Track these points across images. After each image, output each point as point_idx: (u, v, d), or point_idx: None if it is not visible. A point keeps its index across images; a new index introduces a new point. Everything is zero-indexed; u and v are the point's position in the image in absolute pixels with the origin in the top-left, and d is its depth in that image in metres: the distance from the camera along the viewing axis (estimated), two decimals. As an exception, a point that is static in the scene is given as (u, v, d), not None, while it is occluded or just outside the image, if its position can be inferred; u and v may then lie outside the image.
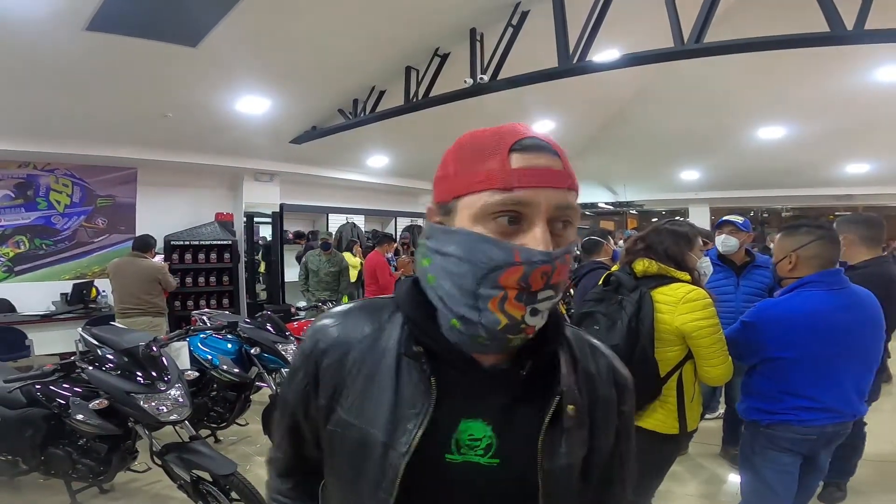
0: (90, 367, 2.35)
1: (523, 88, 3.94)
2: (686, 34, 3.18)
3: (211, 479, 2.31)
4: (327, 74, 4.55)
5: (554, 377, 0.67)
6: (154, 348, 2.49)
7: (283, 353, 3.31)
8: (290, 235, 8.04)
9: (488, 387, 0.66)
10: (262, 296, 8.26)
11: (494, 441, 0.64)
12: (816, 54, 3.67)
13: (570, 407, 0.67)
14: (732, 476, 2.99)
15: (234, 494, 2.31)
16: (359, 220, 8.80)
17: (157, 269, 4.56)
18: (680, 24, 3.20)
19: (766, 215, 12.31)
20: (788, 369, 1.90)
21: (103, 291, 5.65)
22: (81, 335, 4.09)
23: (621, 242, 5.36)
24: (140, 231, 5.74)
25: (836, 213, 11.48)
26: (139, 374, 2.35)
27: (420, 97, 4.39)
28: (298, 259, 7.77)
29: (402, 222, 9.70)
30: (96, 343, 3.64)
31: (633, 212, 13.81)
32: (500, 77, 3.92)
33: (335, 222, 8.58)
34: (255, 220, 7.64)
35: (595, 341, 0.79)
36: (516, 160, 0.58)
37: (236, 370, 3.28)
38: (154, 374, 2.37)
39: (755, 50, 3.19)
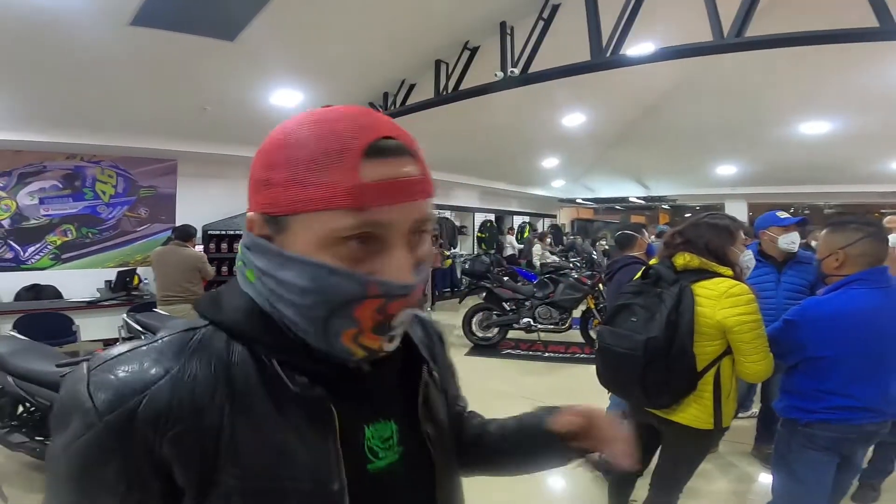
0: None
1: (553, 81, 3.92)
2: (726, 27, 3.10)
3: None
4: (358, 68, 4.62)
5: (412, 348, 0.67)
6: None
7: None
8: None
9: (373, 384, 0.61)
10: None
11: (397, 432, 0.62)
12: (861, 47, 3.52)
13: (435, 369, 0.70)
14: (763, 475, 2.94)
15: None
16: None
17: (198, 258, 4.73)
18: (719, 16, 3.11)
19: (807, 212, 11.88)
20: (830, 368, 1.85)
21: (145, 279, 5.89)
22: (126, 321, 4.31)
23: (653, 237, 5.28)
24: (180, 221, 5.97)
25: (882, 211, 10.98)
26: None
27: (450, 91, 4.41)
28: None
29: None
30: (140, 329, 3.83)
31: (666, 207, 13.52)
32: (530, 70, 3.90)
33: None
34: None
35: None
36: (370, 170, 0.47)
37: None
38: None
39: (799, 45, 3.09)
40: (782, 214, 2.95)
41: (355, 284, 0.49)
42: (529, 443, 0.77)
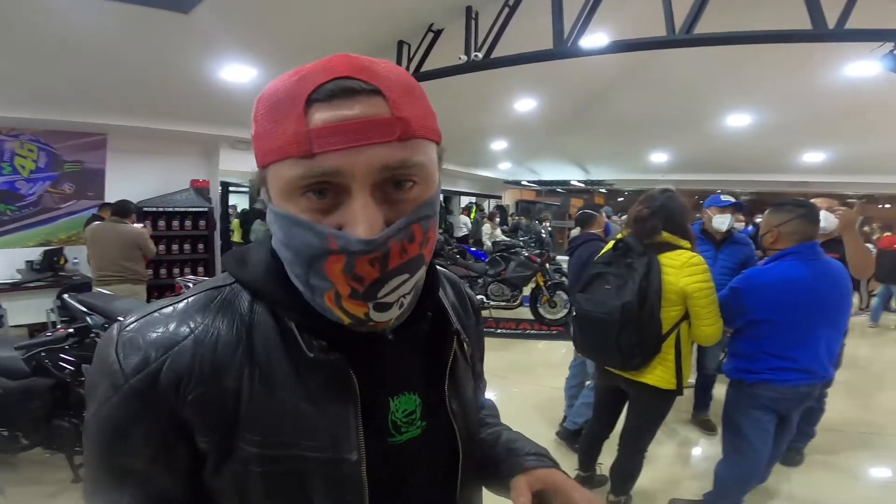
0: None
1: (510, 67, 3.99)
2: (677, 24, 3.30)
3: None
4: (318, 45, 4.44)
5: (446, 321, 0.63)
6: None
7: None
8: (265, 207, 8.02)
9: (399, 355, 0.59)
10: None
11: (421, 406, 0.60)
12: (789, 48, 3.87)
13: (465, 344, 0.66)
14: (703, 440, 3.30)
15: None
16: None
17: (139, 235, 4.44)
18: (673, 13, 3.30)
19: (744, 198, 12.95)
20: (769, 332, 2.11)
21: (74, 258, 5.46)
22: (68, 302, 3.99)
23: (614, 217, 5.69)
24: (109, 197, 5.56)
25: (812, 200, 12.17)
26: None
27: (411, 72, 4.37)
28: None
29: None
30: (84, 310, 3.57)
31: (603, 190, 14.19)
32: (493, 56, 3.96)
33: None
34: (230, 188, 7.54)
35: (450, 274, 0.77)
36: (317, 115, 0.45)
37: None
38: None
39: (742, 43, 3.34)
40: (725, 198, 3.27)
41: (314, 236, 0.46)
42: (492, 472, 0.71)
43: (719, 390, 3.31)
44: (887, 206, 12.04)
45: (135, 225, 4.63)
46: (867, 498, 2.73)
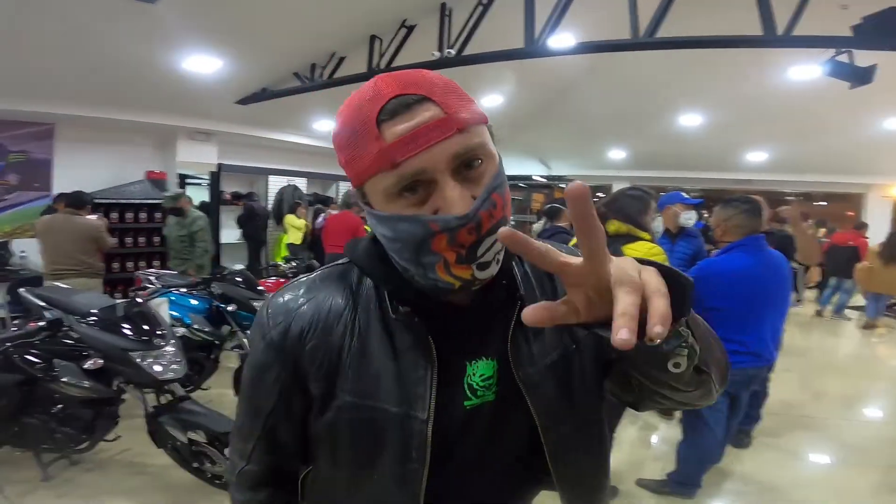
0: (82, 325, 2.20)
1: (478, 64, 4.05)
2: (640, 27, 3.46)
3: (206, 439, 2.31)
4: (287, 38, 4.39)
5: (514, 287, 0.67)
6: (139, 301, 2.41)
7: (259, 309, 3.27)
8: (228, 196, 7.77)
9: (478, 322, 0.65)
10: None
11: (499, 372, 0.65)
12: (739, 51, 4.11)
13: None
14: (663, 425, 3.50)
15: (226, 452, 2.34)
16: (300, 183, 8.61)
17: (95, 228, 4.25)
18: (637, 17, 3.46)
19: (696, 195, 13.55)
20: (721, 318, 2.26)
21: (22, 252, 5.16)
22: (24, 297, 3.77)
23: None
24: (57, 189, 5.27)
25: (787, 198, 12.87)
26: (128, 330, 2.23)
27: (382, 67, 4.38)
28: (240, 221, 7.55)
29: (345, 186, 9.59)
30: (42, 304, 3.39)
31: (562, 185, 14.53)
32: (465, 53, 4.02)
33: (275, 184, 8.35)
34: (188, 180, 7.29)
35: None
36: (389, 131, 0.53)
37: (209, 328, 3.18)
38: (147, 329, 2.25)
39: (701, 47, 3.54)
40: (686, 195, 3.49)
41: (418, 226, 0.54)
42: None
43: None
44: (823, 203, 12.94)
45: (90, 217, 4.43)
46: (811, 477, 2.98)
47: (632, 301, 0.39)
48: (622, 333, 0.37)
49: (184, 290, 3.27)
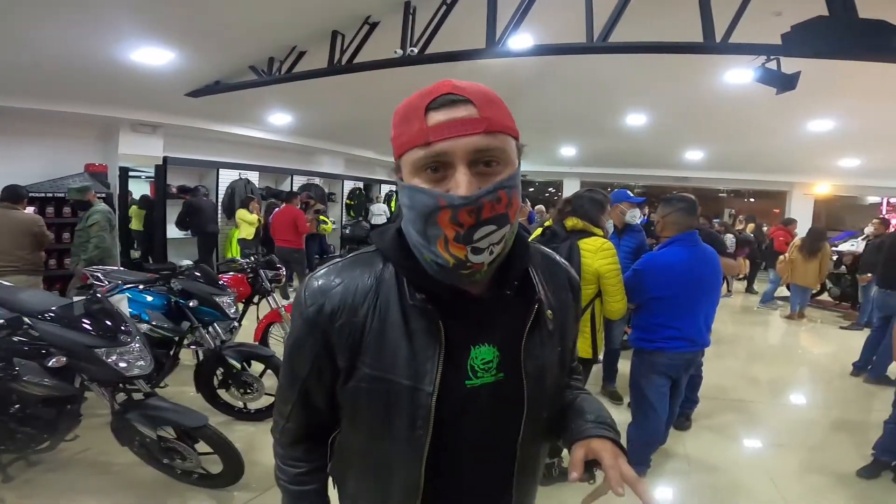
0: (43, 322, 2.11)
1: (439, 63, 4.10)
2: (595, 32, 3.62)
3: (175, 435, 2.30)
4: (245, 31, 4.25)
5: (531, 290, 0.77)
6: (98, 296, 2.32)
7: (221, 304, 3.19)
8: (174, 190, 7.46)
9: (485, 312, 0.74)
10: (135, 255, 7.61)
11: (498, 358, 0.74)
12: (681, 56, 4.35)
13: (549, 312, 0.79)
14: (612, 409, 3.66)
15: (198, 447, 2.33)
16: (252, 177, 8.38)
17: (33, 222, 4.03)
18: (593, 21, 3.61)
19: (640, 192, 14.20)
20: (662, 306, 2.53)
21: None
22: None
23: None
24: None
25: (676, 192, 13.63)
26: (91, 327, 2.15)
27: (343, 62, 4.35)
28: (180, 218, 7.26)
29: (299, 180, 9.41)
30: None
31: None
32: (427, 51, 4.06)
33: (226, 178, 8.09)
34: (131, 173, 6.96)
35: (552, 254, 0.91)
36: (432, 118, 0.64)
37: (169, 325, 3.08)
38: (110, 325, 2.18)
39: (650, 52, 3.72)
40: (632, 193, 3.73)
41: (430, 198, 0.64)
42: (562, 429, 0.84)
43: (623, 365, 3.82)
44: (751, 199, 13.95)
45: (28, 210, 4.16)
46: (745, 457, 3.23)
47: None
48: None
49: (140, 286, 3.16)
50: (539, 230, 2.73)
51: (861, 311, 6.70)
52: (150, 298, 3.15)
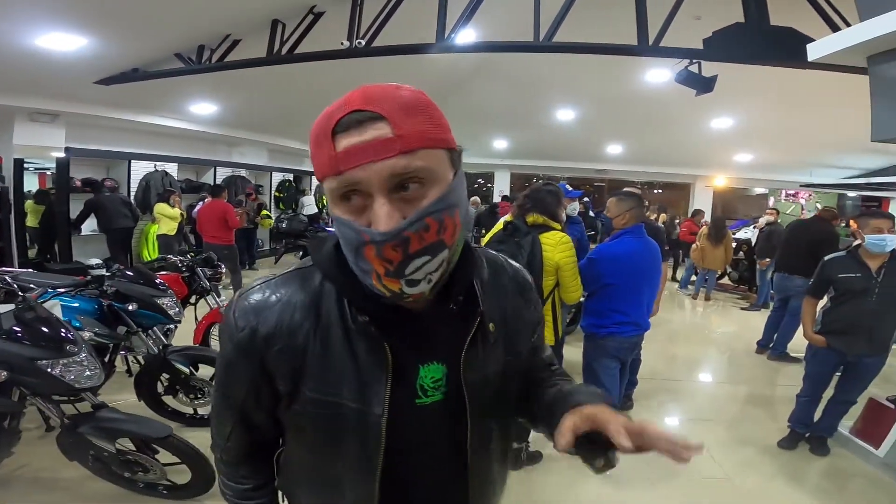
0: None
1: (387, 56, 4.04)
2: (541, 32, 3.72)
3: (135, 447, 2.16)
4: (173, 16, 3.88)
5: (474, 303, 0.72)
6: (31, 303, 2.08)
7: (163, 306, 2.95)
8: (78, 183, 6.73)
9: (430, 329, 0.70)
10: (32, 254, 6.79)
11: (445, 375, 0.71)
12: (617, 57, 4.59)
13: (491, 325, 0.74)
14: None
15: (160, 457, 2.21)
16: (171, 169, 7.76)
17: None
18: (539, 21, 3.71)
19: (588, 187, 14.83)
20: (613, 293, 2.72)
21: None
22: None
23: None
24: None
25: (596, 183, 14.47)
26: (28, 337, 1.94)
27: (283, 52, 4.14)
28: (81, 217, 6.59)
29: (223, 172, 8.84)
30: None
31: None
32: (374, 44, 3.98)
33: (140, 170, 7.42)
34: (26, 165, 6.18)
35: (501, 259, 0.86)
36: (340, 142, 0.57)
37: (106, 331, 2.81)
38: (49, 334, 1.97)
39: (592, 53, 3.81)
40: (570, 187, 3.94)
41: (352, 232, 0.58)
42: (547, 418, 0.76)
43: (567, 351, 4.02)
44: (659, 190, 15.16)
45: None
46: (681, 432, 3.32)
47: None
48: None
49: (62, 289, 2.83)
50: (500, 224, 2.82)
51: (759, 294, 7.46)
52: (78, 304, 2.85)
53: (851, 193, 13.11)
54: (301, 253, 6.34)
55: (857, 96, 2.66)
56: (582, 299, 2.88)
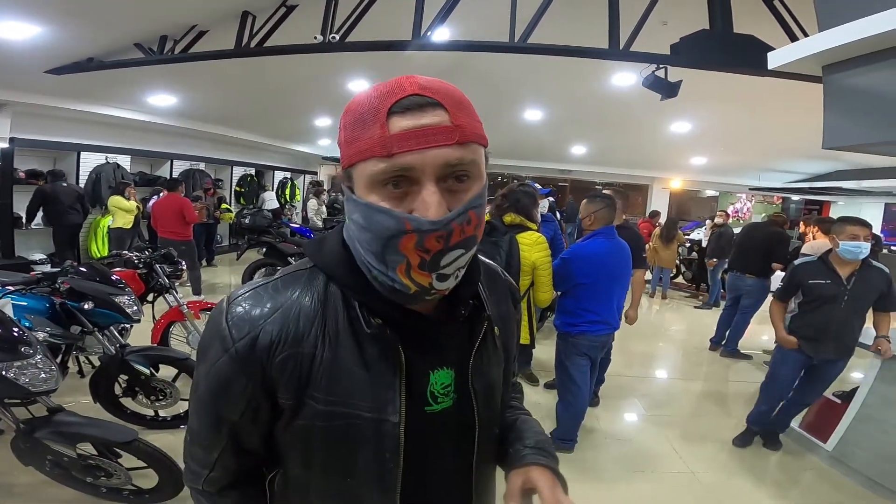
0: None
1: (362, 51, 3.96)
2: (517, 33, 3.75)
3: (97, 451, 2.06)
4: (135, 6, 3.68)
5: (482, 307, 0.72)
6: None
7: (121, 304, 2.81)
8: (22, 175, 6.31)
9: (440, 335, 0.69)
10: None
11: (454, 381, 0.70)
12: (586, 60, 4.66)
13: (496, 329, 0.75)
14: (531, 390, 3.94)
15: (123, 461, 2.12)
16: (123, 161, 7.38)
17: None
18: (516, 22, 3.74)
19: (554, 186, 14.98)
20: (585, 293, 2.79)
21: None
22: None
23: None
24: None
25: (560, 183, 14.76)
26: None
27: (253, 45, 4.00)
28: (30, 210, 6.19)
29: (181, 165, 8.47)
30: None
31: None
32: (348, 39, 3.91)
33: (90, 162, 7.03)
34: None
35: (493, 266, 0.87)
36: (396, 123, 0.54)
37: (60, 330, 2.64)
38: (1, 334, 1.84)
39: (566, 55, 3.85)
40: (538, 186, 4.00)
41: (393, 220, 0.55)
42: (502, 454, 0.81)
43: (538, 350, 4.11)
44: (620, 190, 15.69)
45: None
46: (647, 427, 3.59)
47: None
48: None
49: (11, 287, 2.65)
50: None
51: (710, 293, 7.78)
52: (27, 302, 2.67)
53: (795, 197, 13.93)
54: (265, 249, 6.16)
55: (809, 103, 2.78)
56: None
